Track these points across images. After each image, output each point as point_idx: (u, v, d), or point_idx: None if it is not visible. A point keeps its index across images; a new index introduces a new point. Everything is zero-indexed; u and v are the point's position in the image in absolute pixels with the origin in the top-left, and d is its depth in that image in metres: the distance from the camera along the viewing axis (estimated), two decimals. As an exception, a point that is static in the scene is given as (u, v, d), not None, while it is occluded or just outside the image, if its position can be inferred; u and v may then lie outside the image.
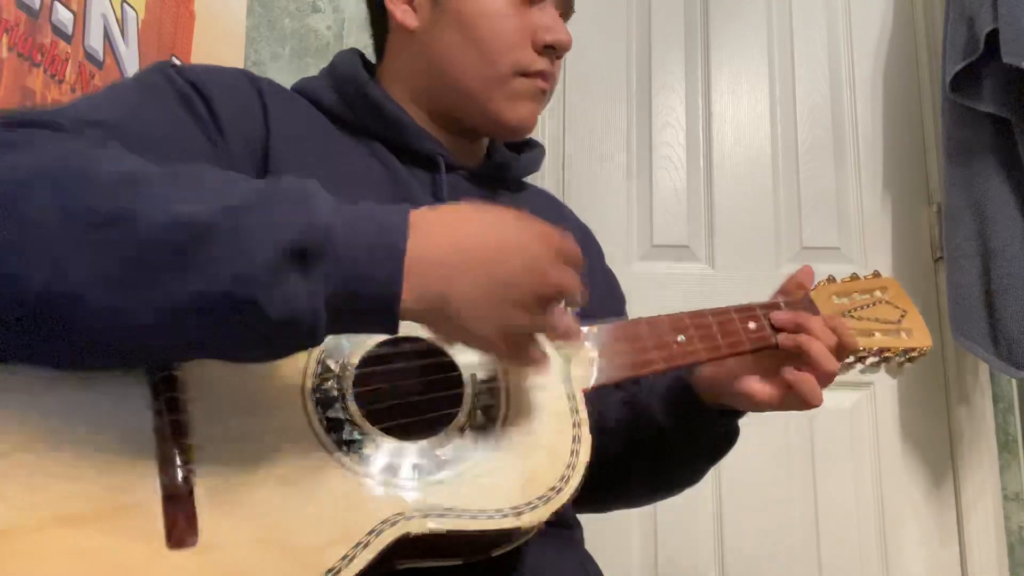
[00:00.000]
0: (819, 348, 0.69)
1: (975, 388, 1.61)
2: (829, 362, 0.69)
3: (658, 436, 0.79)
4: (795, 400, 0.70)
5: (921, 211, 1.71)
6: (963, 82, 1.48)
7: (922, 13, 1.78)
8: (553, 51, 0.79)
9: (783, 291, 0.78)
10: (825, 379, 0.70)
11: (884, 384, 1.63)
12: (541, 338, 0.58)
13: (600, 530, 0.98)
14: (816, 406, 0.70)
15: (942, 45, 1.56)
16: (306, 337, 0.48)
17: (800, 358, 0.70)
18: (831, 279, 0.81)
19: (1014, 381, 1.62)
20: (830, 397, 1.60)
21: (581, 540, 0.80)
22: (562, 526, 0.75)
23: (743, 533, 1.56)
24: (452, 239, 0.51)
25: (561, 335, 0.57)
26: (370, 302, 0.48)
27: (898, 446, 1.62)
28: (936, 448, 1.62)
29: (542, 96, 0.80)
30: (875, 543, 1.57)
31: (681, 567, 1.55)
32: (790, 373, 0.70)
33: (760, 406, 0.72)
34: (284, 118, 0.71)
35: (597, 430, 0.82)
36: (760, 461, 1.57)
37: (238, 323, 0.46)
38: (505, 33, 0.76)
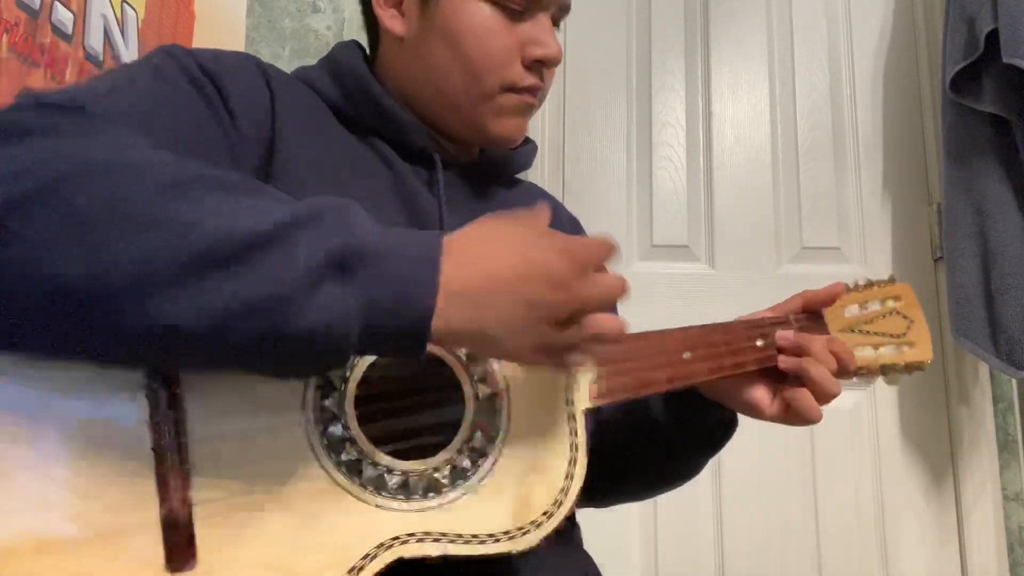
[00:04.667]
0: (820, 372, 0.70)
1: (975, 388, 1.61)
2: (830, 384, 0.70)
3: (655, 427, 0.79)
4: (795, 417, 0.72)
5: (921, 211, 1.71)
6: (963, 82, 1.48)
7: (922, 13, 1.78)
8: (542, 65, 0.77)
9: (804, 299, 0.76)
10: (825, 399, 0.71)
11: (884, 384, 1.63)
12: None
13: (600, 530, 0.98)
14: (816, 422, 0.71)
15: (942, 45, 1.56)
16: (336, 346, 0.47)
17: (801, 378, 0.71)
18: (845, 288, 0.78)
19: (1014, 381, 1.62)
20: (830, 397, 1.61)
21: (579, 540, 0.80)
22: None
23: (743, 533, 1.56)
24: (481, 267, 0.51)
25: (609, 338, 0.55)
26: (403, 321, 0.48)
27: (898, 446, 1.62)
28: (936, 448, 1.62)
29: (530, 109, 0.79)
30: (875, 543, 1.57)
31: (681, 567, 1.55)
32: (788, 392, 0.71)
33: (763, 417, 0.73)
34: (289, 105, 0.71)
35: (594, 423, 0.82)
36: (760, 461, 1.57)
37: (272, 327, 0.45)
38: (493, 51, 0.74)
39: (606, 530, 1.48)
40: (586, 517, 0.83)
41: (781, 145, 1.73)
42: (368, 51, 0.85)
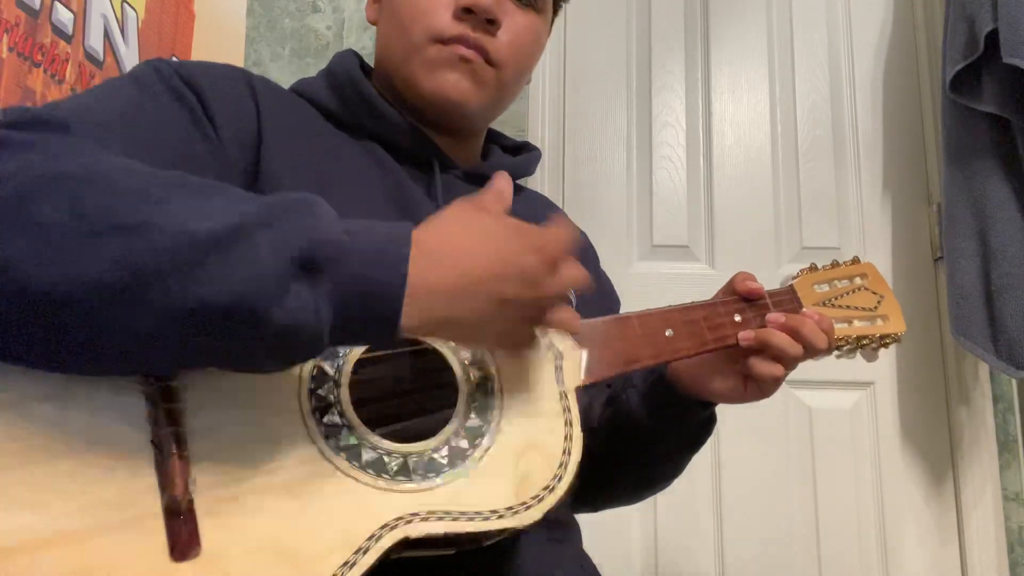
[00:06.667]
0: (779, 339, 0.72)
1: (975, 388, 1.61)
2: (791, 347, 0.72)
3: (639, 432, 0.80)
4: (754, 386, 0.74)
5: (921, 211, 1.71)
6: (963, 82, 1.48)
7: (922, 13, 1.78)
8: (472, 15, 0.74)
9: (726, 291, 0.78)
10: (790, 363, 0.73)
11: (884, 384, 1.63)
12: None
13: (600, 530, 0.98)
14: (774, 378, 0.72)
15: (942, 45, 1.56)
16: (308, 346, 0.49)
17: (765, 352, 0.73)
18: (813, 267, 0.84)
19: (1014, 381, 1.62)
20: (830, 397, 1.62)
21: (579, 540, 0.80)
22: (559, 526, 0.76)
23: (743, 533, 1.56)
24: (452, 263, 0.52)
25: (561, 326, 0.59)
26: (372, 319, 0.49)
27: (898, 446, 1.62)
28: (936, 448, 1.62)
29: (466, 65, 0.75)
30: (875, 543, 1.57)
31: (681, 567, 1.55)
32: (744, 364, 0.73)
33: (731, 401, 0.76)
34: (277, 115, 0.71)
35: (582, 431, 0.83)
36: (760, 461, 1.57)
37: (243, 331, 0.46)
38: (417, 1, 0.75)
39: (606, 531, 1.48)
40: (585, 518, 0.83)
41: (781, 145, 1.74)
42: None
